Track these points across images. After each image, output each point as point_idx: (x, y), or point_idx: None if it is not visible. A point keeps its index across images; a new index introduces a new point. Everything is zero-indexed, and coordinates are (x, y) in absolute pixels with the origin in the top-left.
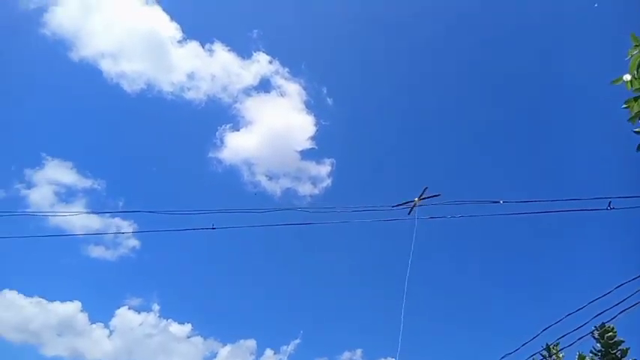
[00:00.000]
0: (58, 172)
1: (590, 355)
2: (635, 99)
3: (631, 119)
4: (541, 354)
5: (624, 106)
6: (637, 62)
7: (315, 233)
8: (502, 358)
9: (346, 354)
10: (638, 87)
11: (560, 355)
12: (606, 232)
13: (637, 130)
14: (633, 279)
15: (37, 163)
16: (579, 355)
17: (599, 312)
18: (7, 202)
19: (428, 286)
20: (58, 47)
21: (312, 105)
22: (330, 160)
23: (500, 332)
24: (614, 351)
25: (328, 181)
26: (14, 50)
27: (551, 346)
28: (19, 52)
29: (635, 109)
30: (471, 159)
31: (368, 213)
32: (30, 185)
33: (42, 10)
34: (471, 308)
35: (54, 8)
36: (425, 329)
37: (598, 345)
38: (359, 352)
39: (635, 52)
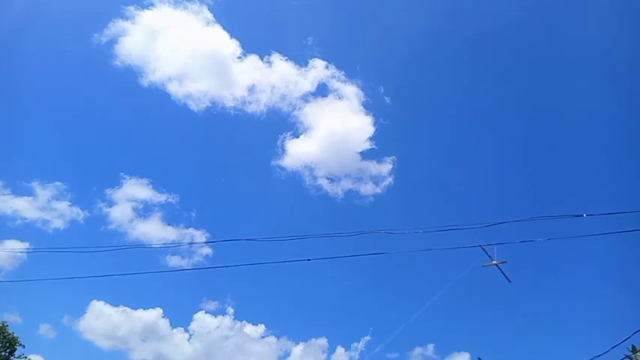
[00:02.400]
0: (135, 189)
1: None
2: None
3: None
4: (628, 357)
5: None
6: None
7: (381, 226)
8: (592, 359)
9: (417, 349)
10: None
11: None
12: None
13: None
14: None
15: (117, 183)
16: None
17: None
18: (92, 220)
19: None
20: (129, 75)
21: (370, 105)
22: (390, 158)
23: (587, 333)
24: None
25: (390, 179)
26: (91, 82)
27: (638, 349)
28: (94, 83)
29: None
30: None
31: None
32: (111, 203)
33: (113, 42)
34: (556, 308)
35: (123, 39)
36: (501, 325)
37: None
38: (431, 347)
39: None
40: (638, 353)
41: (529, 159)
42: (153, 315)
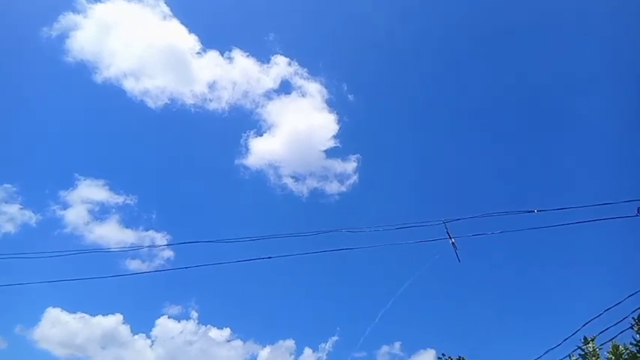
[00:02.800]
0: (91, 191)
1: (629, 345)
2: None
3: None
4: (580, 347)
5: None
6: None
7: (346, 225)
8: (545, 352)
9: (384, 347)
10: None
11: (598, 348)
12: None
13: None
14: None
15: (71, 184)
16: (613, 345)
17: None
18: (45, 223)
19: (468, 281)
20: (82, 71)
21: (334, 103)
22: (355, 156)
23: (541, 327)
24: None
25: (355, 177)
26: (40, 78)
27: (589, 340)
28: (44, 79)
29: None
30: (494, 154)
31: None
32: (65, 206)
33: (64, 37)
34: (510, 306)
35: (74, 33)
36: (467, 321)
37: (637, 336)
38: (397, 345)
39: None
40: (589, 344)
41: (497, 153)
42: (113, 321)
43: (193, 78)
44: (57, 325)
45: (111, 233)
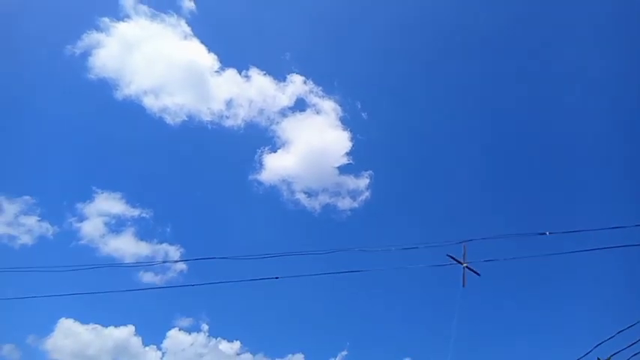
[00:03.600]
0: (108, 204)
1: None
2: None
3: None
4: None
5: None
6: None
7: (358, 241)
8: None
9: None
10: None
11: None
12: None
13: None
14: None
15: (88, 197)
16: None
17: None
18: (62, 235)
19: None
20: (104, 88)
21: (348, 120)
22: (367, 172)
23: (553, 346)
24: None
25: (367, 194)
26: (62, 94)
27: None
28: (66, 95)
29: None
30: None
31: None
32: (82, 218)
33: (87, 55)
34: (523, 326)
35: (97, 51)
36: (474, 339)
37: None
38: None
39: None
40: None
41: (510, 175)
42: (124, 332)
43: (211, 96)
44: (69, 335)
45: (126, 246)
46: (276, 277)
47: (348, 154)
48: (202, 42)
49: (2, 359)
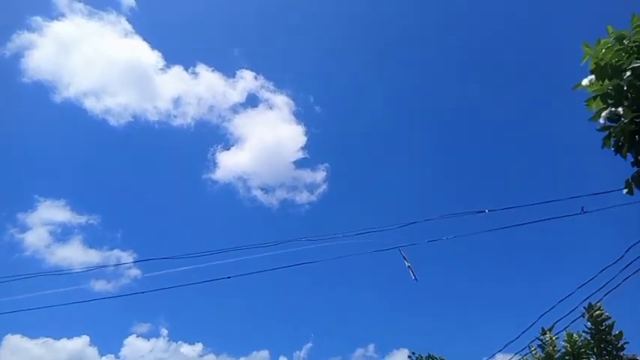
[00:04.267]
0: (52, 212)
1: (582, 332)
2: (594, 98)
3: (592, 118)
4: (538, 338)
5: (585, 104)
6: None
7: (317, 234)
8: (506, 345)
9: (359, 350)
10: (595, 88)
11: (554, 337)
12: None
13: (599, 128)
14: (613, 263)
15: (30, 206)
16: (567, 333)
17: (587, 296)
18: (3, 247)
19: (430, 285)
20: (40, 91)
21: (301, 114)
22: (324, 165)
23: (499, 322)
24: (603, 327)
25: (324, 187)
26: None
27: (546, 330)
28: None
29: (594, 108)
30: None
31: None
32: (24, 229)
33: (18, 56)
34: (472, 304)
35: (30, 52)
36: (435, 320)
37: (588, 324)
38: (371, 347)
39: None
40: (546, 335)
41: (459, 159)
42: (78, 344)
43: (157, 94)
44: (17, 352)
45: (74, 254)
46: (229, 277)
47: (303, 148)
48: (145, 39)
49: None
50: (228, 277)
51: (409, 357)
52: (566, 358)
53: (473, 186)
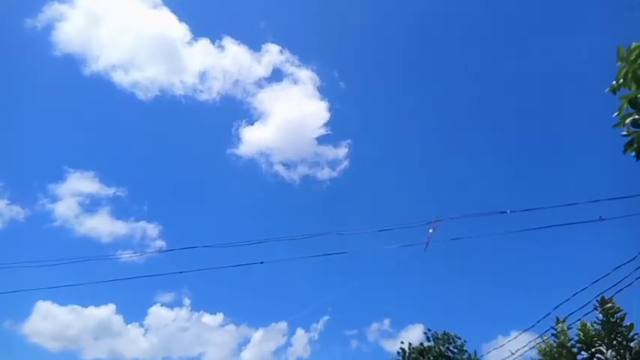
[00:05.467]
0: (81, 183)
1: (594, 323)
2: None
3: (616, 125)
4: (553, 327)
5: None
6: (622, 73)
7: (338, 210)
8: (522, 331)
9: (374, 325)
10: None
11: (565, 327)
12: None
13: (624, 133)
14: (627, 262)
15: (60, 177)
16: (581, 322)
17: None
18: (34, 218)
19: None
20: (70, 65)
21: (326, 90)
22: (346, 142)
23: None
24: (614, 319)
25: (346, 163)
26: (26, 72)
27: (560, 320)
28: (30, 73)
29: (621, 114)
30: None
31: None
32: (54, 199)
33: (49, 28)
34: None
35: (60, 24)
36: (453, 298)
37: (600, 316)
38: (387, 321)
39: (619, 64)
40: (559, 324)
41: (487, 146)
42: (105, 312)
43: (184, 68)
44: (48, 318)
45: (102, 225)
46: (261, 262)
47: (326, 124)
48: (173, 11)
49: None
50: (261, 263)
51: (425, 333)
52: (578, 345)
53: (509, 181)
